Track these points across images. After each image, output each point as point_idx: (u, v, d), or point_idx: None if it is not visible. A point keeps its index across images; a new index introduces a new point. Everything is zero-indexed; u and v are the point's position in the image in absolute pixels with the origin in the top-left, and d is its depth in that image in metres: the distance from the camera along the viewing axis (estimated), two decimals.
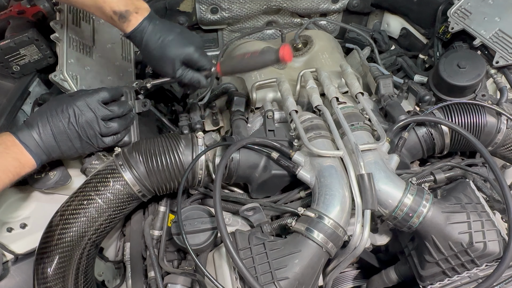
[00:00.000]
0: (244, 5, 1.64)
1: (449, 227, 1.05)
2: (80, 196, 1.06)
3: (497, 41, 1.37)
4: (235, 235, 1.03)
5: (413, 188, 1.07)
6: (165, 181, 1.13)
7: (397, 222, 1.08)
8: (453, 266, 1.07)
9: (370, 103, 1.35)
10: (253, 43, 1.62)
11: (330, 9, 1.75)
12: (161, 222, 1.21)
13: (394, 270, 1.27)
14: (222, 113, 1.43)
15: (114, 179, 1.08)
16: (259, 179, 1.19)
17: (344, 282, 1.47)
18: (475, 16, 1.43)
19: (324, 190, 1.05)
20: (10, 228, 1.19)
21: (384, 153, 1.14)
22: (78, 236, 1.03)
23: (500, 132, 1.26)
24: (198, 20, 1.66)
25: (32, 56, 1.30)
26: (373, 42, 1.69)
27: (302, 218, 1.04)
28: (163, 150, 1.12)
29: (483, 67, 1.31)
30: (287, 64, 1.39)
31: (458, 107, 1.27)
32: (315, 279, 1.02)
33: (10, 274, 1.17)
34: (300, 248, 0.98)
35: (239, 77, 1.47)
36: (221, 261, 1.06)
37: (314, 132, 1.16)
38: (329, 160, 1.09)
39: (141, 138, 1.18)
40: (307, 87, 1.30)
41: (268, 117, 1.25)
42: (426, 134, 1.25)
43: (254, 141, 1.14)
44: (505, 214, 1.13)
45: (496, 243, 1.04)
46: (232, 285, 1.00)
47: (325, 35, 1.68)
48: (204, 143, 1.17)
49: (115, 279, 1.31)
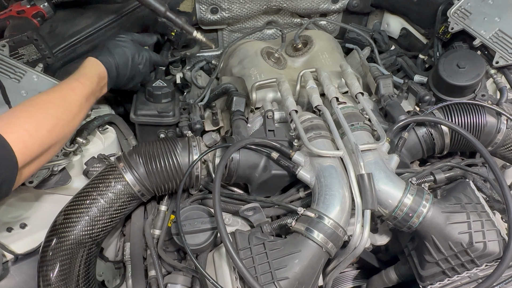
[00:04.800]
0: (244, 5, 1.64)
1: (449, 227, 1.05)
2: (83, 196, 1.10)
3: (497, 41, 1.37)
4: (235, 235, 1.03)
5: (413, 188, 1.07)
6: (164, 181, 1.16)
7: (397, 222, 1.08)
8: (453, 266, 1.07)
9: (370, 103, 1.36)
10: (253, 43, 1.62)
11: (330, 9, 1.75)
12: (161, 222, 1.22)
13: (394, 270, 1.27)
14: (222, 113, 1.43)
15: (115, 180, 1.12)
16: (259, 179, 1.19)
17: (344, 282, 1.47)
18: (475, 16, 1.43)
19: (324, 190, 1.05)
20: (10, 228, 1.19)
21: (384, 153, 1.15)
22: (81, 235, 1.06)
23: (500, 132, 1.26)
24: (198, 20, 1.66)
25: (31, 56, 1.30)
26: (373, 42, 1.69)
27: (302, 218, 1.04)
28: (162, 152, 1.16)
29: (482, 67, 1.31)
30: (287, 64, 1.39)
31: (458, 107, 1.27)
32: (315, 279, 1.02)
33: (10, 274, 1.17)
34: (300, 248, 0.98)
35: (239, 77, 1.47)
36: (221, 261, 1.06)
37: (314, 132, 1.16)
38: (329, 160, 1.09)
39: (141, 142, 1.22)
40: (307, 87, 1.30)
41: (268, 117, 1.25)
42: (426, 134, 1.26)
43: (254, 141, 1.15)
44: (505, 214, 1.13)
45: (496, 243, 1.04)
46: (232, 285, 1.00)
47: (325, 35, 1.68)
48: (200, 148, 1.20)
49: (115, 279, 1.32)
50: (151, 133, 1.33)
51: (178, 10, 1.59)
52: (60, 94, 1.01)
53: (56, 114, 0.95)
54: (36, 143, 0.89)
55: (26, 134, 0.87)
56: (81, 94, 1.03)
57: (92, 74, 1.09)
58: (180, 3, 1.58)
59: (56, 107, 0.97)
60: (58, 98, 0.99)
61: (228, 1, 1.61)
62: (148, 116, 1.29)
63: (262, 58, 1.51)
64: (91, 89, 1.07)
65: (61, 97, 1.00)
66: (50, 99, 0.98)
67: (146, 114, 1.29)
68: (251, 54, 1.53)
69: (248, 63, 1.50)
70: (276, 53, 1.56)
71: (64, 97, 1.00)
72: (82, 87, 1.04)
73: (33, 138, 0.88)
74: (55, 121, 0.94)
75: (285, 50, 1.62)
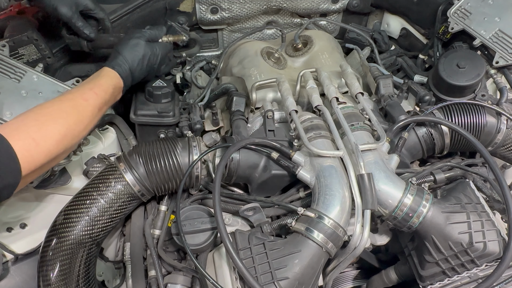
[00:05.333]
0: (244, 5, 1.64)
1: (449, 227, 1.05)
2: (83, 196, 1.10)
3: (497, 41, 1.37)
4: (235, 235, 1.03)
5: (413, 188, 1.07)
6: (164, 181, 1.16)
7: (397, 222, 1.08)
8: (453, 266, 1.07)
9: (370, 103, 1.36)
10: (253, 43, 1.62)
11: (330, 9, 1.75)
12: (161, 222, 1.22)
13: (394, 270, 1.27)
14: (222, 113, 1.43)
15: (115, 180, 1.12)
16: (259, 179, 1.19)
17: (344, 282, 1.47)
18: (475, 16, 1.43)
19: (324, 190, 1.05)
20: (10, 228, 1.19)
21: (384, 153, 1.15)
22: (81, 235, 1.06)
23: (500, 132, 1.26)
24: (198, 20, 1.66)
25: (31, 56, 1.30)
26: (373, 42, 1.69)
27: (302, 218, 1.04)
28: (162, 152, 1.16)
29: (482, 67, 1.31)
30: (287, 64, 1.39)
31: (458, 107, 1.27)
32: (315, 279, 1.02)
33: (10, 274, 1.17)
34: (300, 248, 0.98)
35: (239, 77, 1.47)
36: (221, 261, 1.06)
37: (314, 132, 1.16)
38: (329, 160, 1.09)
39: (141, 142, 1.22)
40: (307, 87, 1.30)
41: (268, 117, 1.25)
42: (426, 134, 1.26)
43: (254, 141, 1.15)
44: (505, 214, 1.13)
45: (496, 243, 1.04)
46: (232, 285, 1.00)
47: (325, 35, 1.68)
48: (200, 148, 1.20)
49: (115, 279, 1.32)
50: (151, 133, 1.32)
51: (178, 10, 1.59)
52: (74, 103, 0.99)
53: (67, 125, 0.94)
54: (42, 153, 0.88)
55: (33, 143, 0.86)
56: (94, 105, 1.02)
57: (107, 85, 1.08)
58: (180, 3, 1.58)
59: (68, 117, 0.95)
60: (71, 107, 0.98)
61: (228, 1, 1.61)
62: (148, 116, 1.29)
63: (262, 58, 1.51)
64: (105, 100, 1.06)
65: (74, 106, 0.98)
66: (63, 107, 0.96)
67: (146, 114, 1.29)
68: (251, 54, 1.54)
69: (248, 63, 1.50)
70: (276, 53, 1.56)
71: (77, 107, 0.98)
72: (96, 97, 1.03)
73: (39, 148, 0.87)
74: (65, 131, 0.93)
75: (285, 50, 1.62)
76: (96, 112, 1.03)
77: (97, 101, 1.03)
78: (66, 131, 0.93)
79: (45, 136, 0.89)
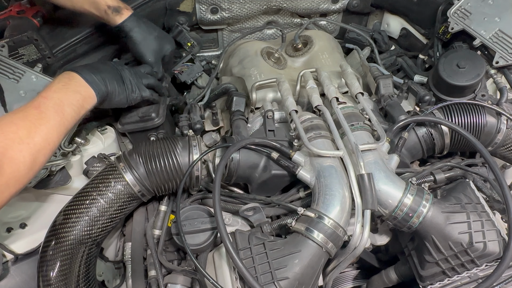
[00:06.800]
0: (244, 5, 1.64)
1: (449, 227, 1.05)
2: (83, 196, 1.10)
3: (497, 41, 1.37)
4: (235, 235, 1.03)
5: (413, 188, 1.07)
6: (164, 181, 1.16)
7: (397, 222, 1.08)
8: (453, 266, 1.07)
9: (370, 103, 1.36)
10: (253, 43, 1.62)
11: (330, 9, 1.75)
12: (161, 222, 1.22)
13: (394, 270, 1.27)
14: (222, 113, 1.43)
15: (115, 180, 1.11)
16: (259, 179, 1.19)
17: (344, 282, 1.47)
18: (475, 16, 1.43)
19: (324, 190, 1.05)
20: (10, 228, 1.19)
21: (384, 153, 1.15)
22: (81, 235, 1.06)
23: (500, 132, 1.26)
24: (198, 20, 1.66)
25: (31, 56, 1.30)
26: (373, 42, 1.69)
27: (302, 218, 1.03)
28: (162, 152, 1.15)
29: (482, 67, 1.31)
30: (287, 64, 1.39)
31: (458, 107, 1.27)
32: (315, 279, 1.02)
33: (10, 274, 1.17)
34: (300, 248, 0.98)
35: (239, 77, 1.47)
36: (221, 261, 1.06)
37: (314, 132, 1.16)
38: (329, 160, 1.09)
39: (141, 142, 1.21)
40: (307, 87, 1.30)
41: (268, 117, 1.25)
42: (426, 134, 1.25)
43: (254, 141, 1.15)
44: (505, 214, 1.13)
45: (496, 243, 1.04)
46: (232, 285, 1.00)
47: (325, 35, 1.68)
48: (200, 148, 1.19)
49: (115, 279, 1.32)
50: (142, 138, 1.30)
51: (178, 10, 1.59)
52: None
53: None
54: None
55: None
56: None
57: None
58: (180, 3, 1.58)
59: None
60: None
61: (228, 1, 1.61)
62: (132, 123, 1.28)
63: (262, 58, 1.51)
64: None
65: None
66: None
67: (130, 121, 1.28)
68: (251, 54, 1.54)
69: (248, 63, 1.50)
70: (276, 53, 1.57)
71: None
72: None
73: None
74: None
75: (285, 50, 1.62)
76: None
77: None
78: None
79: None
